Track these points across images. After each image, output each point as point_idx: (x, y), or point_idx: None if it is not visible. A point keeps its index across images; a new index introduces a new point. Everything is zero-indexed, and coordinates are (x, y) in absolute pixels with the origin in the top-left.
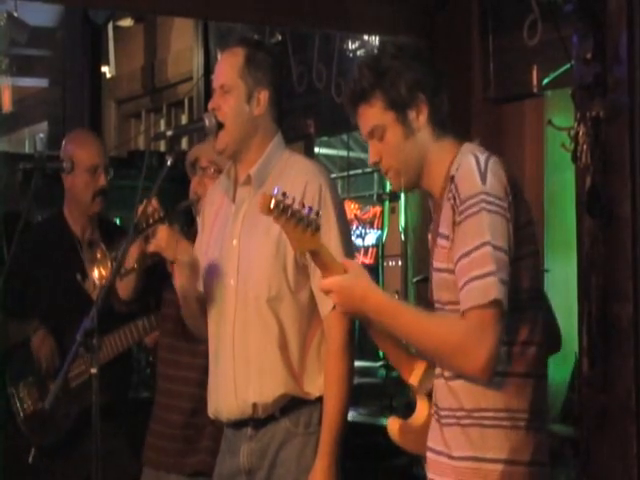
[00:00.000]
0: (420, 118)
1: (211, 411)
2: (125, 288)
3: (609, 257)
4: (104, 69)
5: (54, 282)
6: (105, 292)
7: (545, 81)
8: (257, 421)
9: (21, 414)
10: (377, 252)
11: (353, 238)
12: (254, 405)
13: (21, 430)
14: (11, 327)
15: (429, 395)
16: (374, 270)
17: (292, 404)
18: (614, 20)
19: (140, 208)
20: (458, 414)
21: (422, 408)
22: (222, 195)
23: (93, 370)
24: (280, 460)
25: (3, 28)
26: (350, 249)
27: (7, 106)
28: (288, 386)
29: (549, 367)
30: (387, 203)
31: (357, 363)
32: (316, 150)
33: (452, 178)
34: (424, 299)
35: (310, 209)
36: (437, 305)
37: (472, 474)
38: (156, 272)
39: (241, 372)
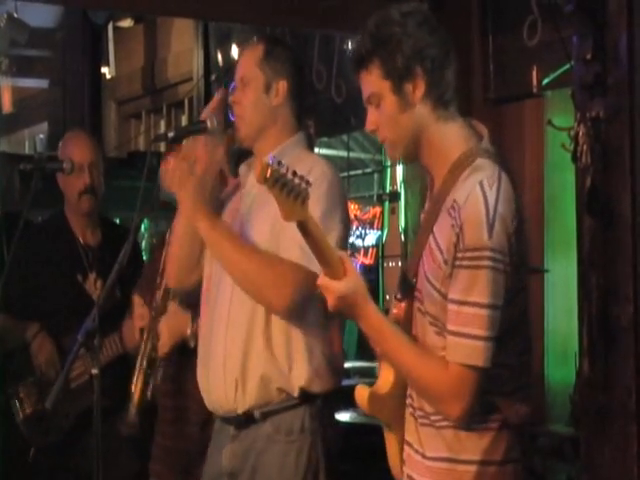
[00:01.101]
0: (417, 92)
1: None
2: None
3: (609, 257)
4: (104, 70)
5: (55, 283)
6: (107, 293)
7: (545, 81)
8: (239, 420)
9: (20, 415)
10: (377, 252)
11: (353, 239)
12: (236, 386)
13: (21, 431)
14: (12, 329)
15: None
16: (374, 270)
17: (274, 409)
18: (614, 20)
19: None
20: (432, 417)
21: (387, 375)
22: (239, 181)
23: (94, 371)
24: (262, 466)
25: (3, 29)
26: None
27: (7, 107)
28: (271, 373)
29: (549, 368)
30: (387, 204)
31: (357, 363)
32: (316, 151)
33: (457, 206)
34: None
35: (302, 178)
36: (417, 295)
37: (446, 475)
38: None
39: (230, 352)
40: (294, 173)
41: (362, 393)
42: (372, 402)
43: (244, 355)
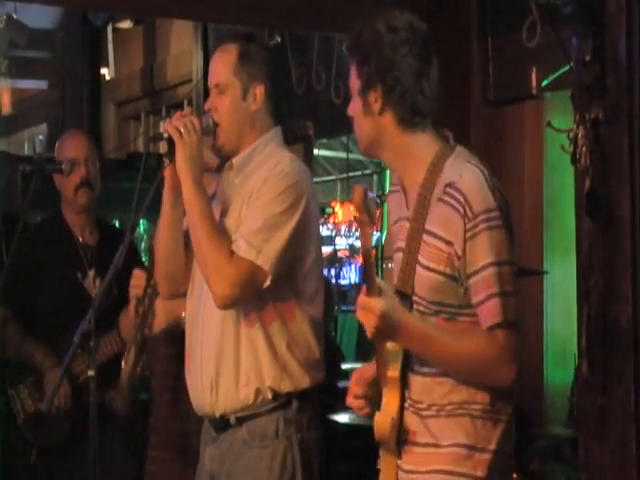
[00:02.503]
0: (375, 106)
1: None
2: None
3: (608, 259)
4: (103, 71)
5: (54, 281)
6: (103, 292)
7: (544, 83)
8: (217, 422)
9: (22, 415)
10: (376, 254)
11: (352, 240)
12: (211, 389)
13: (22, 431)
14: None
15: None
16: None
17: (249, 414)
18: (613, 22)
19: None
20: (448, 408)
21: (393, 400)
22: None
23: (90, 372)
24: (236, 471)
25: (2, 30)
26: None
27: (6, 108)
28: (241, 376)
29: (548, 369)
30: (386, 205)
31: (356, 364)
32: (315, 152)
33: (453, 185)
34: None
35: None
36: (416, 299)
37: (464, 460)
38: None
39: (206, 354)
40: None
41: (386, 420)
42: (393, 429)
43: (217, 358)
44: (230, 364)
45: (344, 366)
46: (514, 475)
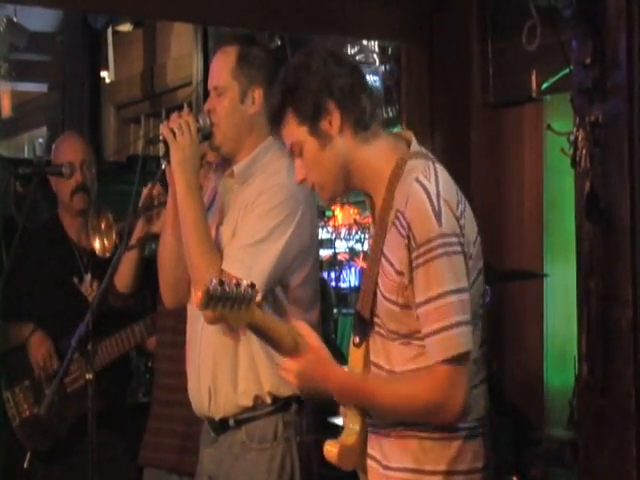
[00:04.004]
0: (333, 125)
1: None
2: (123, 278)
3: (608, 261)
4: (103, 74)
5: (51, 286)
6: (101, 296)
7: (544, 86)
8: (216, 425)
9: (17, 419)
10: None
11: (352, 243)
12: (209, 395)
13: (17, 435)
14: (9, 330)
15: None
16: None
17: (248, 417)
18: (613, 25)
19: (145, 191)
20: (398, 428)
21: (353, 425)
22: (213, 188)
23: (88, 376)
24: (234, 472)
25: (2, 33)
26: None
27: (6, 111)
28: (239, 381)
29: (548, 372)
30: None
31: None
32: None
33: (400, 212)
34: None
35: (246, 285)
36: (377, 321)
37: None
38: (153, 267)
39: (203, 360)
40: (237, 284)
41: (331, 450)
42: (342, 456)
43: (215, 365)
44: (228, 371)
45: (344, 368)
46: (514, 478)
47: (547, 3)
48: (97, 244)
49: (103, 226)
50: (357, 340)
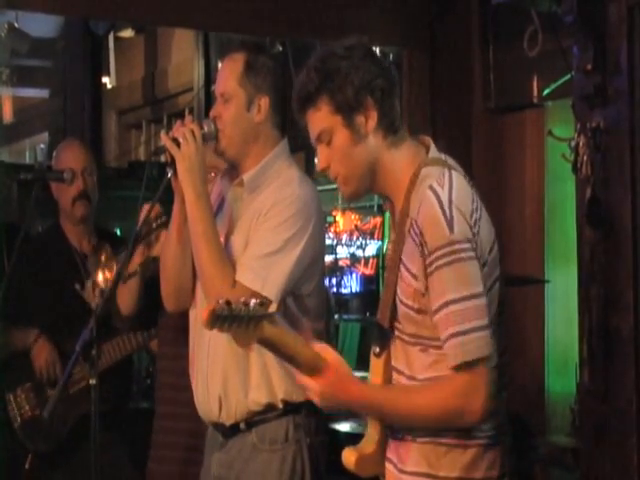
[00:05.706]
0: (369, 123)
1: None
2: (126, 300)
3: (609, 267)
4: (105, 80)
5: (53, 292)
6: (104, 300)
7: (545, 92)
8: (225, 429)
9: (18, 420)
10: (377, 263)
11: (353, 249)
12: (220, 404)
13: (18, 436)
14: (13, 336)
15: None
16: (374, 281)
17: (259, 420)
18: (614, 31)
19: (143, 213)
20: (414, 432)
21: (373, 433)
22: (219, 194)
23: (92, 381)
24: (245, 475)
25: (4, 39)
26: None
27: (8, 116)
28: (251, 389)
29: (549, 378)
30: (388, 214)
31: (356, 374)
32: (316, 161)
33: (414, 220)
34: None
35: (255, 302)
36: (397, 328)
37: None
38: (155, 287)
39: (211, 368)
40: (245, 302)
41: (350, 457)
42: (360, 463)
43: (224, 372)
44: (239, 380)
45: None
46: None
47: (548, 9)
48: (100, 277)
49: (103, 259)
50: (377, 350)
